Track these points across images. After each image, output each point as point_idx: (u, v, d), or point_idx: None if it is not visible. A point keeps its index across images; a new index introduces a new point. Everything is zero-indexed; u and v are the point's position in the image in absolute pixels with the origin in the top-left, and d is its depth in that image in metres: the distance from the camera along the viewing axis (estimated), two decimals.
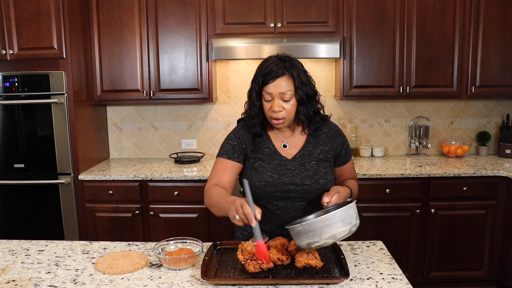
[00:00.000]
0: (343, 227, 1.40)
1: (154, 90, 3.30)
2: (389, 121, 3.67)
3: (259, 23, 3.20)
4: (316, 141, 1.76)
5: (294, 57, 1.69)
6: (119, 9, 3.21)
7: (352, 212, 1.43)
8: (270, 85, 1.62)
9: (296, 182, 1.69)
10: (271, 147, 1.75)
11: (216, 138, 3.70)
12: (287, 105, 1.64)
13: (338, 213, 1.40)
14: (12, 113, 3.09)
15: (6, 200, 3.18)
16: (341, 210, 1.41)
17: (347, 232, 1.41)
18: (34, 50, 2.99)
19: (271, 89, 1.62)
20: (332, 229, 1.38)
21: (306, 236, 1.40)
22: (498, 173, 3.04)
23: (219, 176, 1.73)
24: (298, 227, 1.41)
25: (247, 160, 1.77)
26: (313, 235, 1.39)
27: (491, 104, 3.66)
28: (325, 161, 1.75)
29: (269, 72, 1.61)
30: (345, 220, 1.40)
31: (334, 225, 1.38)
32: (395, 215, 3.08)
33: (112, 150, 3.75)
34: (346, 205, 1.43)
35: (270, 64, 1.63)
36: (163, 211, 3.12)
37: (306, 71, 1.69)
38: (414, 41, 3.22)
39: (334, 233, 1.39)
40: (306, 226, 1.39)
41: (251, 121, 1.72)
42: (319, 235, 1.38)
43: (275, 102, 1.63)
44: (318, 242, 1.39)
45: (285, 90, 1.62)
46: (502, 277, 3.12)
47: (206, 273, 1.45)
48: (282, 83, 1.61)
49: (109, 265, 1.57)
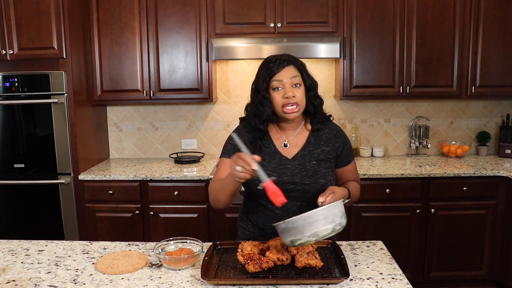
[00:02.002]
0: (325, 225, 1.40)
1: (154, 90, 3.30)
2: (389, 121, 3.67)
3: (259, 23, 3.20)
4: (317, 141, 1.76)
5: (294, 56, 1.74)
6: (119, 9, 3.21)
7: (336, 210, 1.43)
8: (280, 73, 1.65)
9: (296, 181, 1.69)
10: (271, 147, 1.75)
11: (216, 138, 3.70)
12: (298, 91, 1.66)
13: (320, 211, 1.40)
14: (12, 113, 3.09)
15: (6, 200, 3.18)
16: (324, 208, 1.41)
17: (330, 230, 1.41)
18: (34, 50, 2.99)
19: (281, 76, 1.65)
20: (314, 227, 1.39)
21: (289, 234, 1.41)
22: (498, 173, 3.04)
23: (221, 175, 1.74)
24: (281, 224, 1.42)
25: None
26: (295, 233, 1.40)
27: (491, 104, 3.66)
28: (325, 161, 1.74)
29: (276, 62, 1.66)
30: (328, 218, 1.40)
31: (316, 223, 1.39)
32: (395, 215, 3.08)
33: (112, 150, 3.75)
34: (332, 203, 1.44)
35: (274, 57, 1.68)
36: (163, 211, 3.12)
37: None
38: (414, 41, 3.22)
39: (316, 231, 1.39)
40: (289, 223, 1.40)
41: (260, 118, 1.69)
42: (301, 233, 1.39)
43: (286, 88, 1.65)
44: (300, 239, 1.40)
45: (294, 74, 1.66)
46: (502, 277, 3.12)
47: (206, 273, 1.45)
48: (291, 70, 1.67)
49: (109, 265, 1.57)
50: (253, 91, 1.71)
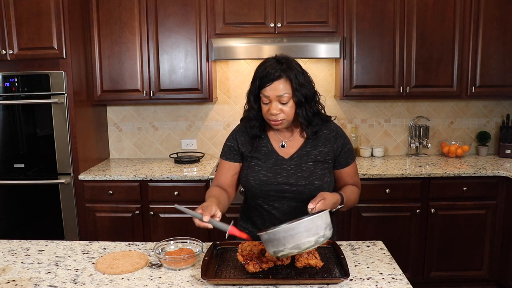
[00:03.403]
0: (307, 237, 1.35)
1: (154, 90, 3.30)
2: (389, 121, 3.67)
3: (259, 23, 3.20)
4: (315, 142, 1.74)
5: (293, 59, 1.67)
6: (119, 9, 3.21)
7: (320, 222, 1.38)
8: (267, 88, 1.61)
9: (291, 182, 1.69)
10: (268, 146, 1.75)
11: (216, 138, 3.70)
12: (285, 108, 1.63)
13: (303, 223, 1.36)
14: (12, 113, 3.09)
15: (6, 200, 3.18)
16: (307, 220, 1.37)
17: (313, 243, 1.36)
18: (34, 50, 2.99)
19: (268, 92, 1.62)
20: (296, 239, 1.35)
21: (271, 245, 1.38)
22: (498, 173, 3.04)
23: (218, 177, 1.82)
24: (264, 235, 1.39)
25: (244, 159, 1.79)
26: (277, 244, 1.36)
27: (491, 104, 3.66)
28: (322, 162, 1.72)
29: (266, 75, 1.61)
30: (310, 230, 1.36)
31: (298, 235, 1.35)
32: (395, 215, 3.08)
33: (112, 150, 3.75)
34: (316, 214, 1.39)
35: (268, 67, 1.62)
36: (163, 211, 3.12)
37: (304, 72, 1.67)
38: (414, 41, 3.22)
39: (298, 243, 1.35)
40: (271, 234, 1.37)
41: (250, 124, 1.73)
42: (283, 244, 1.35)
43: (272, 105, 1.62)
44: (282, 251, 1.37)
45: (282, 93, 1.61)
46: (502, 277, 3.12)
47: (206, 273, 1.45)
48: (279, 86, 1.60)
49: (109, 265, 1.57)
50: (247, 94, 1.72)
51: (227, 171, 1.80)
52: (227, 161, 1.80)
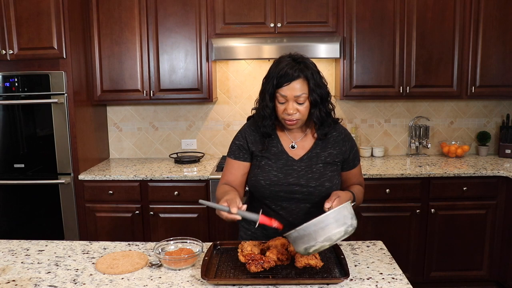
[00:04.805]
0: (337, 228, 1.38)
1: (154, 90, 3.30)
2: (389, 121, 3.67)
3: (259, 23, 3.20)
4: (324, 144, 1.74)
5: (307, 58, 1.68)
6: (119, 9, 3.21)
7: (346, 212, 1.41)
8: (285, 88, 1.61)
9: (301, 183, 1.69)
10: (279, 147, 1.74)
11: (216, 138, 3.70)
12: (301, 107, 1.63)
13: (331, 214, 1.38)
14: (12, 113, 3.09)
15: (6, 200, 3.18)
16: (334, 211, 1.39)
17: (343, 233, 1.39)
18: (34, 50, 2.99)
19: (285, 92, 1.61)
20: (327, 231, 1.37)
21: (302, 242, 1.39)
22: (498, 173, 3.04)
23: (227, 177, 1.78)
24: (293, 233, 1.39)
25: (254, 159, 1.77)
26: (308, 240, 1.37)
27: (491, 104, 3.66)
28: (332, 164, 1.73)
29: (284, 75, 1.60)
30: (339, 221, 1.39)
31: (328, 227, 1.37)
32: (395, 215, 3.08)
33: (112, 150, 3.75)
34: (341, 205, 1.42)
35: (285, 67, 1.61)
36: (163, 211, 3.12)
37: (319, 71, 1.68)
38: (414, 41, 3.22)
39: (329, 235, 1.37)
40: (301, 231, 1.37)
41: (263, 122, 1.70)
42: (314, 239, 1.37)
43: (289, 104, 1.62)
44: (314, 246, 1.37)
45: (300, 93, 1.61)
46: (502, 277, 3.12)
47: (206, 273, 1.45)
48: (296, 86, 1.60)
49: (109, 265, 1.57)
50: (261, 93, 1.70)
51: (236, 170, 1.76)
52: (236, 160, 1.77)
